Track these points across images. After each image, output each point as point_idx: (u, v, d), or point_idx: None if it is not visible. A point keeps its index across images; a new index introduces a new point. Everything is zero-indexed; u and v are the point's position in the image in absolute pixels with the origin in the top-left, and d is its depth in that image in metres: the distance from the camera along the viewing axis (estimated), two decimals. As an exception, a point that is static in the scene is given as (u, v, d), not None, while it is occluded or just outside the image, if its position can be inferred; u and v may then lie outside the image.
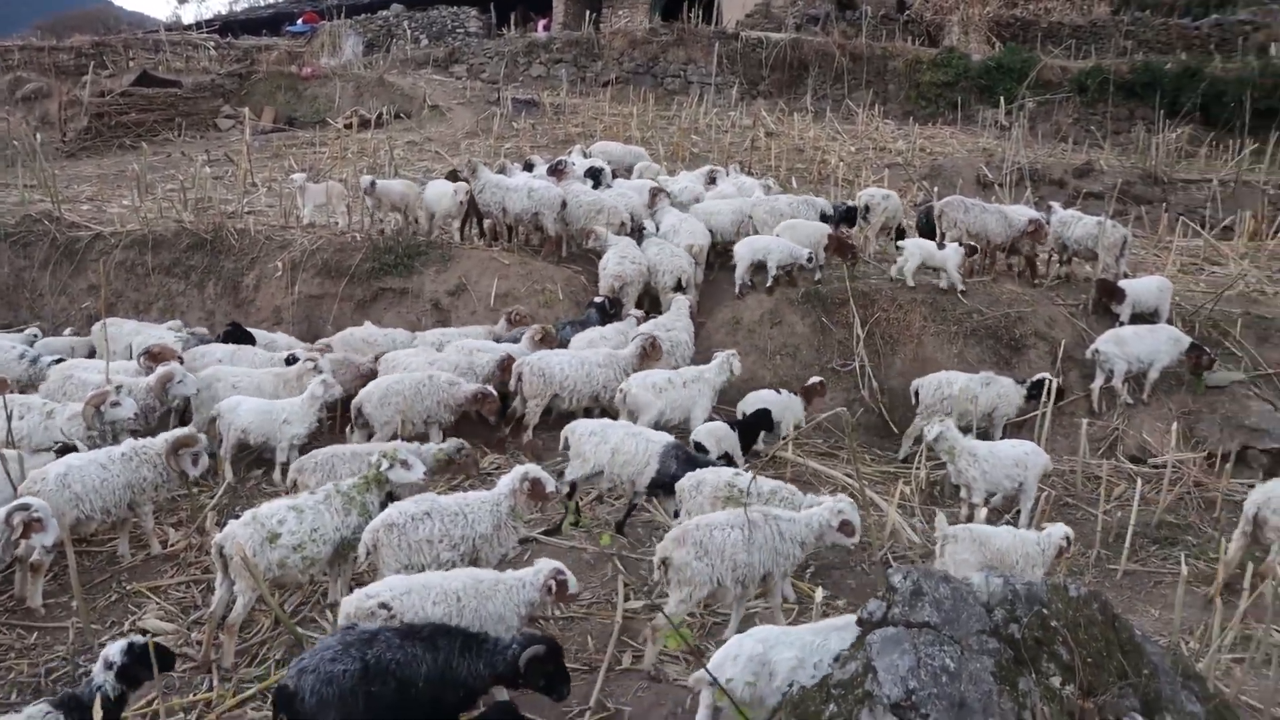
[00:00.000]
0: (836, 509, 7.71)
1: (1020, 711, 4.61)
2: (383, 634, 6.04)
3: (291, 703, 5.74)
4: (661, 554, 7.56)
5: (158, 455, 8.98)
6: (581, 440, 9.48)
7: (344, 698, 5.74)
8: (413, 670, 5.90)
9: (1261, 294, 15.76)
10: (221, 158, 21.88)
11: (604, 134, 22.69)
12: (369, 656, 5.85)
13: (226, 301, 14.48)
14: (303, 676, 5.78)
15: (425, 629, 6.19)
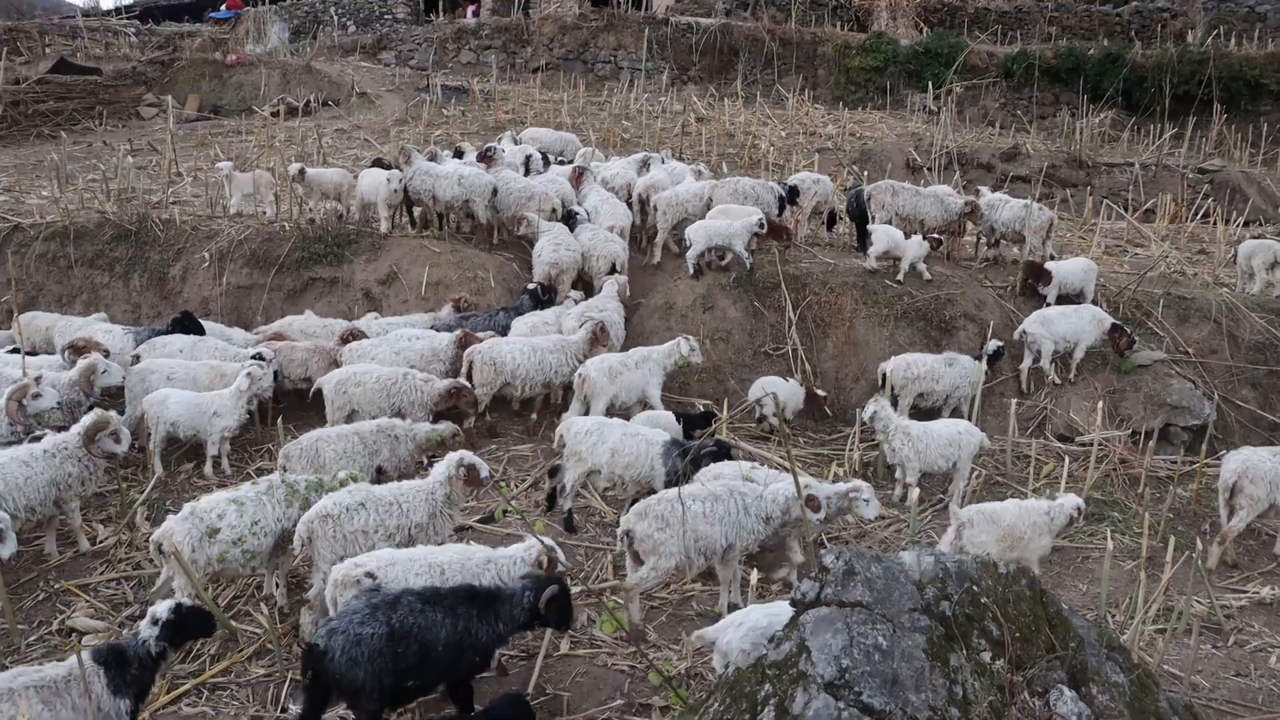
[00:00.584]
0: (803, 482, 7.81)
1: (952, 687, 4.67)
2: (405, 598, 6.37)
3: (321, 661, 6.11)
4: (625, 526, 7.81)
5: (80, 449, 8.79)
6: (578, 439, 9.31)
7: (371, 658, 6.11)
8: (433, 634, 6.28)
9: (1182, 275, 16.17)
10: (145, 147, 21.38)
11: (534, 120, 22.56)
12: (394, 620, 6.21)
13: (153, 293, 14.18)
14: (333, 637, 6.15)
15: (445, 594, 6.53)
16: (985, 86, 28.86)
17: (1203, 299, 14.22)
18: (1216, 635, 8.52)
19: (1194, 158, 24.12)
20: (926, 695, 4.57)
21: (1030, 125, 27.37)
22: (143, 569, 8.89)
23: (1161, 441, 12.32)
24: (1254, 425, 12.95)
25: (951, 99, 27.28)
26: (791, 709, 4.50)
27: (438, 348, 11.56)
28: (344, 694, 6.28)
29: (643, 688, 7.31)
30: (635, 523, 7.79)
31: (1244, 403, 13.11)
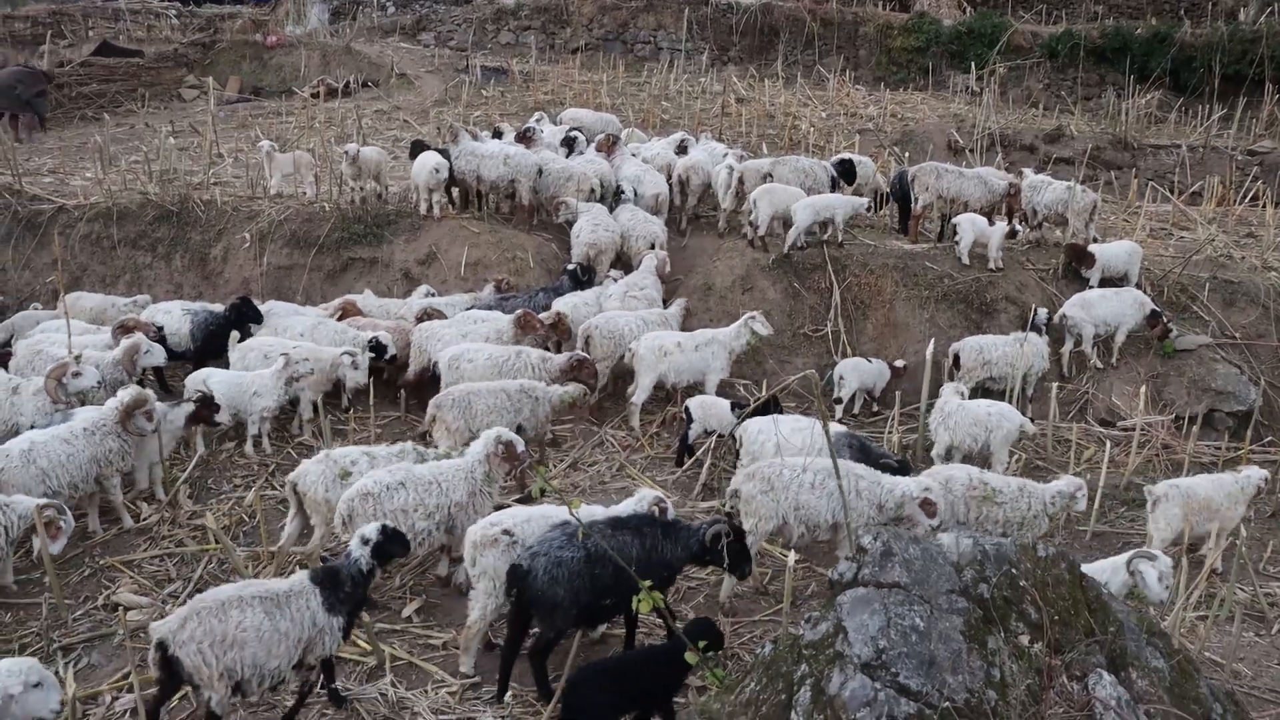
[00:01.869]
0: (923, 485, 8.10)
1: (989, 669, 4.64)
2: (598, 527, 7.01)
3: (525, 580, 6.80)
4: (734, 485, 8.26)
5: (118, 424, 8.92)
6: (754, 440, 9.36)
7: (571, 578, 6.76)
8: (625, 554, 6.75)
9: (1228, 259, 15.88)
10: (186, 128, 21.57)
11: (573, 101, 22.51)
12: (590, 545, 6.80)
13: (194, 274, 14.32)
14: (535, 559, 6.83)
15: (630, 519, 7.27)
16: (1029, 67, 28.46)
17: (1250, 283, 14.00)
18: (1260, 623, 8.42)
19: (1243, 139, 23.67)
20: (964, 677, 4.54)
21: (1075, 106, 26.97)
22: (185, 545, 9.01)
23: (1205, 427, 12.15)
24: (1301, 412, 12.76)
25: (994, 80, 26.93)
26: (828, 689, 4.48)
27: (501, 328, 11.62)
28: (541, 610, 6.89)
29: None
30: (742, 483, 8.27)
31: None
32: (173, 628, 6.12)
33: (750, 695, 4.87)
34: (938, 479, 8.46)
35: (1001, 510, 8.48)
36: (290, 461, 10.56)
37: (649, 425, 11.51)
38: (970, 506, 8.47)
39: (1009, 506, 8.51)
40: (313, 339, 11.60)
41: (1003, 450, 10.40)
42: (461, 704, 7.07)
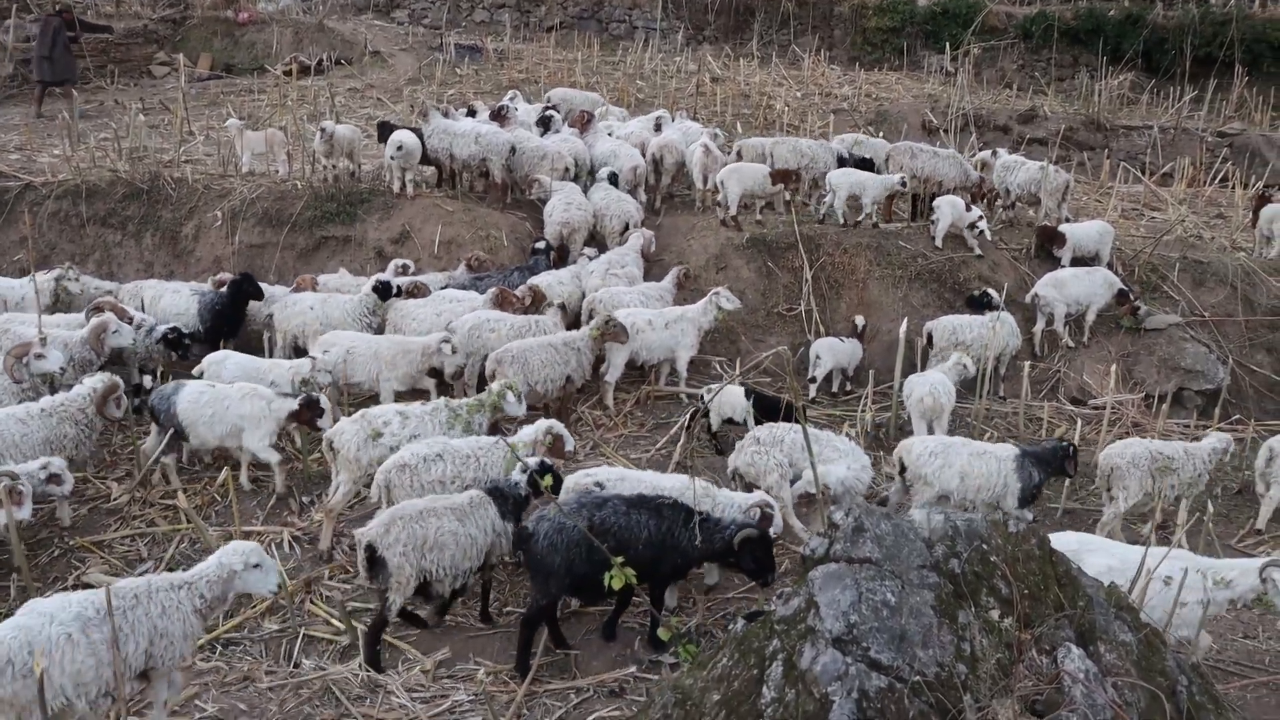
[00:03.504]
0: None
1: (960, 643, 4.68)
2: (613, 501, 7.18)
3: (528, 543, 6.96)
4: (732, 466, 8.96)
5: (80, 410, 8.83)
6: (921, 462, 8.85)
7: (569, 546, 6.82)
8: (633, 534, 6.94)
9: (1198, 239, 16.04)
10: (157, 106, 21.32)
11: (548, 80, 22.41)
12: (596, 518, 6.94)
13: (165, 252, 14.17)
14: (540, 523, 6.98)
15: (653, 500, 7.27)
16: (1003, 48, 28.51)
17: (1219, 263, 14.12)
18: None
19: (1214, 121, 23.83)
20: (934, 652, 4.58)
21: (1048, 87, 27.06)
22: (156, 525, 8.97)
23: (1175, 405, 12.27)
24: (1268, 391, 12.90)
25: (969, 60, 26.95)
26: (799, 664, 4.51)
27: (477, 308, 11.56)
28: (537, 575, 7.01)
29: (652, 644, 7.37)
30: (735, 460, 8.79)
31: (1258, 368, 13.05)
32: (379, 532, 7.03)
33: (722, 670, 4.90)
34: (1125, 455, 9.05)
35: (1177, 475, 9.14)
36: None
37: (623, 404, 11.52)
38: (1155, 478, 9.08)
39: (1182, 470, 9.15)
40: (324, 312, 11.51)
41: (944, 418, 10.57)
42: (435, 682, 7.07)
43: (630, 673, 7.18)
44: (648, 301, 11.89)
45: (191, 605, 5.99)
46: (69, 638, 5.49)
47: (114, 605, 5.67)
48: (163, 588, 5.97)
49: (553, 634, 7.27)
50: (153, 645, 5.81)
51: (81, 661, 5.51)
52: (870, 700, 4.31)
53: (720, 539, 7.12)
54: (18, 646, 5.37)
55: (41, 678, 5.30)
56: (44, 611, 5.60)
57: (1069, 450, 8.91)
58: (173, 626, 5.89)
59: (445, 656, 7.34)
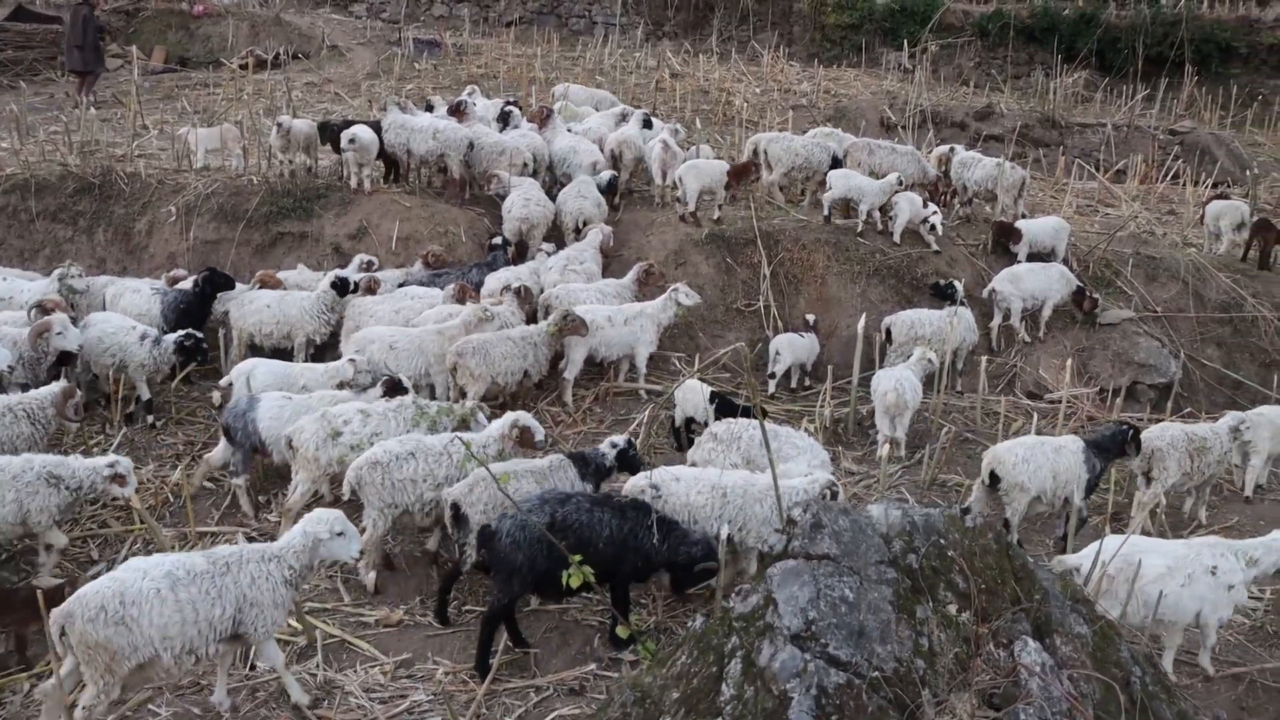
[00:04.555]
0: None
1: (918, 638, 4.71)
2: (576, 498, 7.21)
3: (491, 540, 6.94)
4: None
5: (38, 408, 8.70)
6: (1014, 469, 8.79)
7: (532, 543, 6.82)
8: (593, 532, 6.97)
9: (1151, 235, 16.26)
10: (109, 99, 21.03)
11: (507, 76, 22.33)
12: (558, 514, 6.95)
13: (118, 248, 13.97)
14: (504, 520, 6.98)
15: (618, 501, 7.36)
16: (960, 45, 28.75)
17: (1171, 258, 14.31)
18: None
19: (1165, 119, 24.15)
20: (892, 647, 4.60)
21: (1004, 84, 27.32)
22: (108, 526, 8.84)
23: (1128, 399, 12.43)
24: (1218, 384, 13.10)
25: (926, 57, 27.13)
26: (758, 661, 4.52)
27: (436, 304, 11.50)
28: (500, 573, 6.98)
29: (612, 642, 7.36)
30: (694, 454, 8.75)
31: (1209, 361, 13.25)
32: (464, 492, 7.60)
33: (682, 668, 4.89)
34: (1164, 438, 9.42)
35: (1210, 454, 9.57)
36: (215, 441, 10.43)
37: (582, 400, 11.49)
38: (1193, 458, 9.46)
39: (1213, 450, 9.59)
40: (280, 309, 11.38)
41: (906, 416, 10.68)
42: (393, 682, 7.03)
43: (590, 670, 7.17)
44: (605, 298, 11.85)
45: (281, 576, 6.32)
46: (158, 593, 5.89)
47: (205, 570, 6.10)
48: (253, 559, 6.31)
49: (511, 633, 7.24)
50: (240, 613, 6.17)
51: (168, 617, 5.90)
52: (829, 696, 4.32)
53: (684, 553, 7.21)
54: (111, 595, 5.80)
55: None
56: (138, 567, 6.04)
57: (1128, 433, 9.17)
58: (262, 596, 6.24)
59: (405, 657, 7.29)
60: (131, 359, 10.36)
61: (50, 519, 7.66)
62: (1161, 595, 6.85)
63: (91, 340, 10.30)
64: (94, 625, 5.73)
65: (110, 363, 10.37)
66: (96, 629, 5.74)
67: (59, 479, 7.63)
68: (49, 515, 7.63)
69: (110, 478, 7.77)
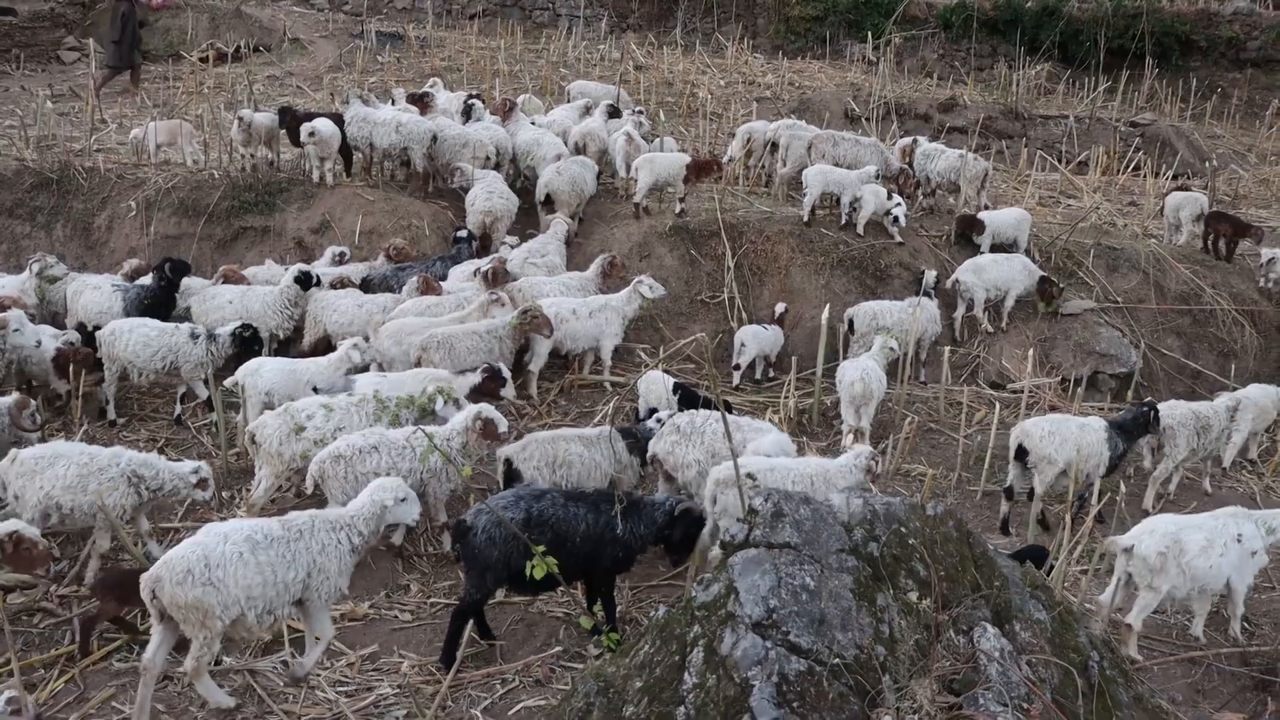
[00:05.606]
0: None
1: (879, 625, 4.75)
2: (551, 493, 7.19)
3: (466, 536, 6.88)
4: (651, 452, 8.66)
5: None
6: (1044, 443, 9.23)
7: (507, 540, 6.78)
8: (570, 527, 6.96)
9: (1112, 226, 16.43)
10: (66, 92, 20.76)
11: (470, 68, 22.23)
12: (533, 509, 6.94)
13: (77, 243, 13.81)
14: (479, 515, 6.93)
15: (592, 494, 7.39)
16: (924, 37, 28.86)
17: (1132, 249, 14.45)
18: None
19: (1126, 111, 24.38)
20: (853, 634, 4.65)
21: (968, 77, 27.45)
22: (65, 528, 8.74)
23: (1090, 388, 12.56)
24: (1178, 373, 13.26)
25: (890, 49, 27.24)
26: (720, 649, 4.55)
27: (400, 296, 11.47)
28: (473, 568, 6.95)
29: (576, 633, 7.38)
30: (655, 445, 8.62)
31: (1169, 351, 13.40)
32: (518, 449, 8.24)
33: (644, 658, 4.92)
34: (1174, 416, 9.97)
35: (1212, 431, 10.20)
36: (179, 438, 10.35)
37: (546, 393, 11.48)
38: (1199, 435, 10.07)
39: (1214, 427, 10.22)
40: (243, 305, 11.27)
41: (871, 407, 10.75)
42: (360, 674, 7.01)
43: (555, 656, 7.17)
44: (569, 291, 11.82)
45: (349, 544, 6.65)
46: (240, 556, 6.20)
47: (280, 536, 6.43)
48: (323, 527, 6.61)
49: (479, 626, 7.23)
50: (310, 577, 6.47)
51: (250, 578, 6.20)
52: (790, 684, 4.36)
53: (663, 514, 7.23)
54: (196, 559, 6.12)
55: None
56: (220, 532, 6.34)
57: (1148, 413, 9.71)
58: (329, 563, 6.56)
59: (371, 650, 7.27)
60: (185, 360, 10.24)
61: (121, 518, 7.76)
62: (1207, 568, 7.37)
63: (136, 347, 10.16)
64: (182, 587, 6.06)
65: (160, 367, 10.26)
66: (185, 590, 6.06)
67: (140, 479, 7.80)
68: (120, 513, 7.75)
69: (196, 483, 8.02)
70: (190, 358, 10.24)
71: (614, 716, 4.79)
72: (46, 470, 7.68)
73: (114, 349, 10.20)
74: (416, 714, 6.47)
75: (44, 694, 6.65)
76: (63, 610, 7.56)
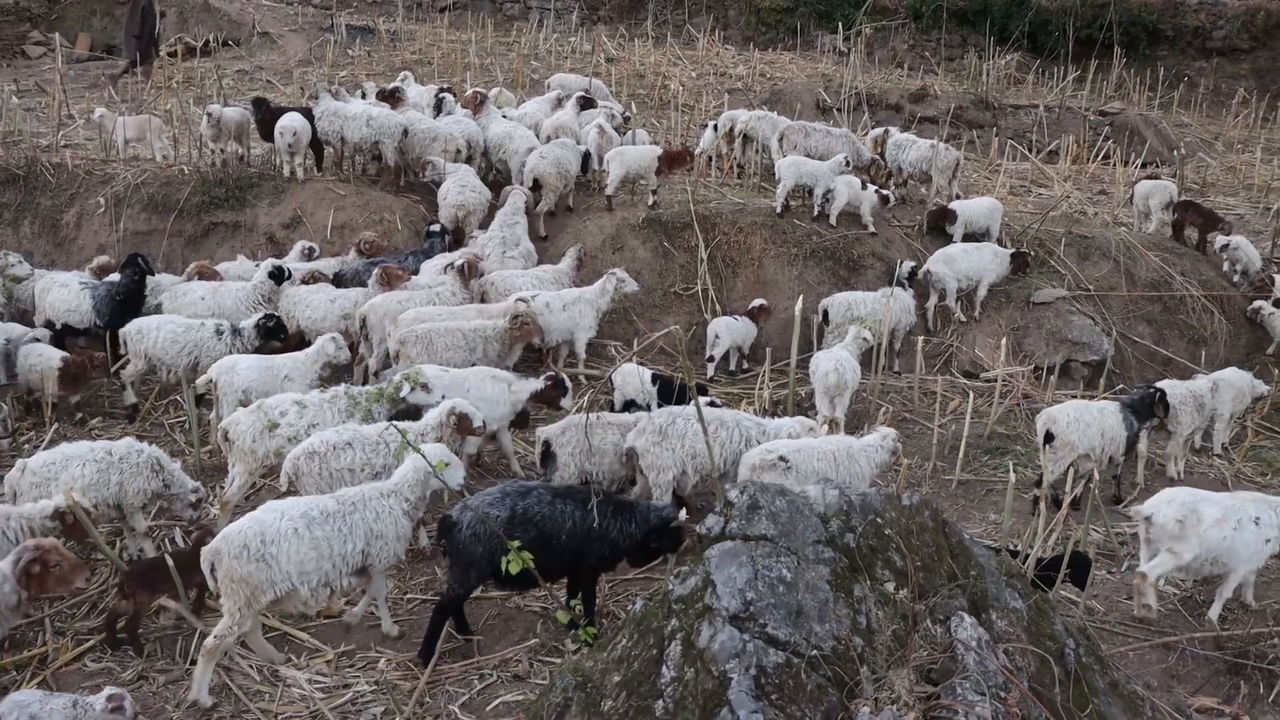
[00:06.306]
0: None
1: (856, 616, 4.76)
2: (537, 490, 7.14)
3: (451, 532, 6.88)
4: (629, 444, 8.62)
5: None
6: (1066, 428, 9.49)
7: (491, 536, 6.74)
8: (556, 525, 6.92)
9: (1083, 214, 16.52)
10: (32, 88, 20.54)
11: (441, 62, 22.13)
12: (519, 507, 6.90)
13: (45, 240, 13.69)
14: (464, 512, 6.91)
15: (578, 491, 7.32)
16: (894, 28, 28.96)
17: (1102, 238, 14.54)
18: (1111, 561, 8.82)
19: (1096, 100, 24.54)
20: (830, 625, 4.65)
21: (938, 67, 27.56)
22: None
23: (1063, 376, 12.62)
24: (1149, 360, 13.35)
25: (861, 40, 27.30)
26: (698, 642, 4.54)
27: (370, 292, 11.36)
28: (457, 564, 6.94)
29: (554, 628, 7.36)
30: (635, 439, 8.55)
31: (1139, 338, 13.48)
32: (556, 433, 8.58)
33: (622, 652, 4.91)
34: (1176, 395, 10.18)
35: (1205, 409, 10.57)
36: (151, 435, 10.26)
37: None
38: (1198, 411, 10.42)
39: (1206, 405, 10.57)
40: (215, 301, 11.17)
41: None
42: (336, 673, 6.97)
43: (530, 651, 7.15)
44: (542, 284, 11.80)
45: (401, 509, 6.87)
46: (295, 532, 6.43)
47: (336, 510, 6.67)
48: (374, 496, 6.85)
49: (458, 622, 7.21)
50: (369, 546, 6.74)
51: (304, 553, 6.44)
52: (768, 676, 4.36)
53: (658, 517, 7.17)
54: (252, 534, 6.35)
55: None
56: (276, 509, 6.59)
57: (1155, 395, 10.05)
58: (386, 529, 6.80)
59: (349, 648, 7.23)
60: (210, 355, 10.18)
61: (142, 502, 8.00)
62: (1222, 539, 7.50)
63: (164, 343, 10.21)
64: (238, 561, 6.27)
65: (186, 362, 10.27)
66: (240, 565, 6.27)
67: (161, 468, 8.03)
68: (143, 498, 7.98)
69: (194, 501, 8.28)
70: (214, 352, 10.19)
71: (592, 711, 4.78)
72: (61, 474, 7.70)
73: (141, 346, 10.25)
74: (394, 710, 6.44)
75: (16, 697, 6.58)
76: (34, 611, 7.47)
